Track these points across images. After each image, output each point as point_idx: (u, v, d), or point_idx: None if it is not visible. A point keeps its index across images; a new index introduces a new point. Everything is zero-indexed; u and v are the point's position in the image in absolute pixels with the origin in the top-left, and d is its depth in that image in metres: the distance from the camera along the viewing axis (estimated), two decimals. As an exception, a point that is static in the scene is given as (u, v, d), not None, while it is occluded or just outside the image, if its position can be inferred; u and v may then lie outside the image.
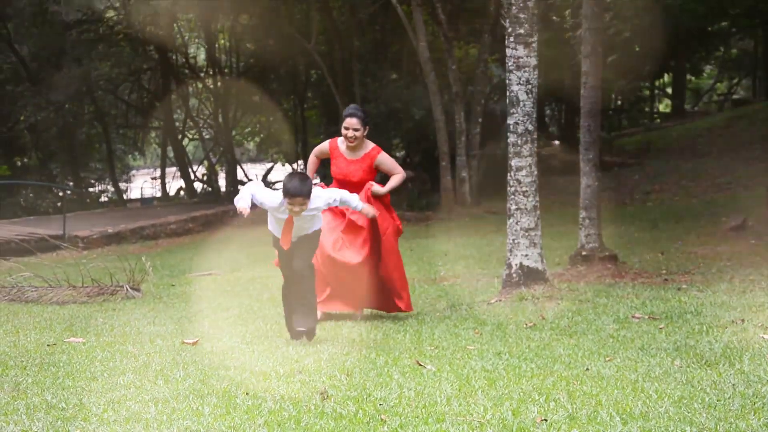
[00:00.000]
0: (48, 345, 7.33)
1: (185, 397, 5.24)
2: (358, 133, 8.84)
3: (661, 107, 44.94)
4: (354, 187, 8.71)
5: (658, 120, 39.91)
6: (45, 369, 6.19)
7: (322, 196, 7.38)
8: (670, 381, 5.56)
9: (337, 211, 8.83)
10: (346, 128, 8.87)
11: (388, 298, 8.88)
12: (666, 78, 41.33)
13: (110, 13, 32.60)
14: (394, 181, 8.93)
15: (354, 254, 8.67)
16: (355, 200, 7.82)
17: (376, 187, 8.86)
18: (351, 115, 8.89)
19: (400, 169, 9.08)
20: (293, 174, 7.16)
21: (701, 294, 9.26)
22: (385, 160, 9.01)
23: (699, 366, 5.97)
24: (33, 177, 33.43)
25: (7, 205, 30.81)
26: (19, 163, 35.07)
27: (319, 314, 8.19)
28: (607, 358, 6.30)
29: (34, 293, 10.89)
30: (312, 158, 9.20)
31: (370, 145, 8.98)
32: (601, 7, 11.97)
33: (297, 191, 7.02)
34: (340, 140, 8.99)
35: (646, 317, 8.08)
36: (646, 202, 22.02)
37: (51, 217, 26.77)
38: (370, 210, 7.86)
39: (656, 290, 9.70)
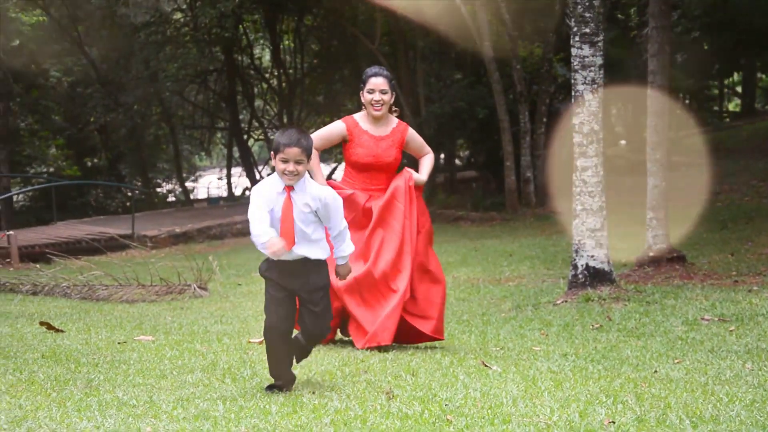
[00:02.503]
0: (118, 343, 7.44)
1: (252, 395, 5.28)
2: (386, 97, 7.20)
3: (731, 106, 44.25)
4: (384, 171, 7.23)
5: (728, 119, 39.31)
6: (116, 366, 6.28)
7: (333, 194, 5.47)
8: (741, 384, 5.47)
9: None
10: (371, 91, 7.18)
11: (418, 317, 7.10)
12: (735, 76, 40.69)
13: (177, 15, 33.01)
14: (429, 164, 7.44)
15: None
16: (348, 243, 5.58)
17: (418, 175, 7.24)
18: (376, 75, 7.22)
19: (428, 147, 7.59)
20: (287, 127, 5.53)
21: (772, 296, 9.10)
22: (415, 136, 7.45)
23: (770, 369, 5.87)
24: (102, 177, 34.02)
25: (78, 204, 31.39)
26: (89, 164, 35.75)
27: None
28: (676, 361, 6.23)
29: (104, 292, 11.09)
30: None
31: (394, 119, 7.38)
32: (668, 5, 11.83)
33: (292, 140, 5.22)
34: (357, 116, 7.34)
35: (716, 319, 7.96)
36: (714, 202, 21.68)
37: (120, 217, 27.21)
38: (345, 271, 5.62)
39: (726, 292, 9.55)
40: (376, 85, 7.13)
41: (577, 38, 9.51)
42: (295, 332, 5.55)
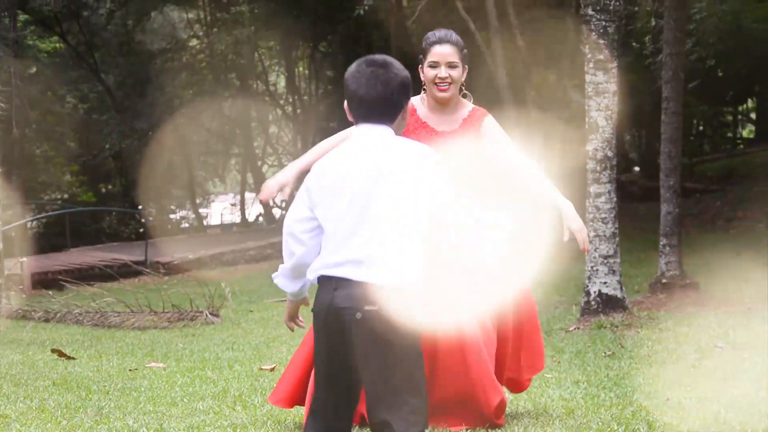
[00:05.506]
0: (130, 370, 7.45)
1: (263, 423, 5.27)
2: (455, 73, 5.05)
3: (745, 133, 44.13)
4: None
5: (741, 146, 39.21)
6: (127, 394, 6.28)
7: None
8: (755, 412, 5.42)
9: None
10: (434, 64, 5.02)
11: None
12: (750, 103, 40.63)
13: (193, 42, 33.23)
14: (547, 181, 5.40)
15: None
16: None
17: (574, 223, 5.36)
18: (441, 42, 5.02)
19: (517, 150, 5.22)
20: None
21: (786, 323, 9.03)
22: (494, 128, 5.16)
23: (785, 397, 5.82)
24: (117, 204, 34.12)
25: (92, 231, 31.46)
26: (103, 190, 35.88)
27: None
28: (689, 388, 6.19)
29: (116, 318, 11.09)
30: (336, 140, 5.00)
31: (467, 104, 5.23)
32: (683, 33, 11.83)
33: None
34: (417, 99, 5.13)
35: (729, 347, 7.91)
36: (728, 229, 21.60)
37: (133, 243, 27.27)
38: None
39: (740, 319, 9.48)
40: (442, 56, 5.01)
41: (591, 65, 9.52)
42: None
